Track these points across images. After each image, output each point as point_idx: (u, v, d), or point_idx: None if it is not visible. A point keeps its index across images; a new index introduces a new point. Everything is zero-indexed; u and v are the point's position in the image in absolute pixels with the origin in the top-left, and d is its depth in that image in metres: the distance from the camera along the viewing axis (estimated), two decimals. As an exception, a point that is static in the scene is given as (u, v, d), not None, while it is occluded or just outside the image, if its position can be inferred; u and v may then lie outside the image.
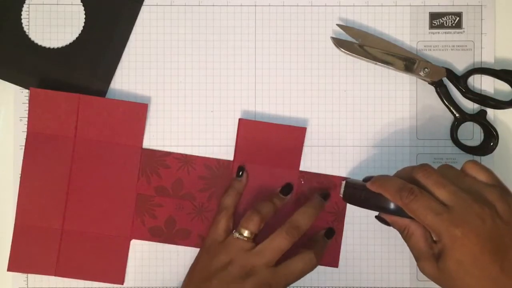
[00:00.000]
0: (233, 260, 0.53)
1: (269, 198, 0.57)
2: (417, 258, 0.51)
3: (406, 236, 0.51)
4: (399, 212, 0.50)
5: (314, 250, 0.55)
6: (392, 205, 0.51)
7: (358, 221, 0.60)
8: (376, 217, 0.56)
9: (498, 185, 0.49)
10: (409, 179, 0.50)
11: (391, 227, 0.54)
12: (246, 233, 0.54)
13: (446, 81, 0.60)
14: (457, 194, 0.47)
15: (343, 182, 0.56)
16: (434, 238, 0.49)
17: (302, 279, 0.56)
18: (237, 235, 0.54)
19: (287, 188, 0.59)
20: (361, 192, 0.53)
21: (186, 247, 0.60)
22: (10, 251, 0.59)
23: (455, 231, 0.46)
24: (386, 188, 0.50)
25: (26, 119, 0.60)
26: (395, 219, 0.52)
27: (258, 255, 0.53)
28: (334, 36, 0.60)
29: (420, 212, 0.47)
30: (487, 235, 0.46)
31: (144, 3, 0.61)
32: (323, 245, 0.58)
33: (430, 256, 0.49)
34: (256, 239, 0.55)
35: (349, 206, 0.60)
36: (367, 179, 0.53)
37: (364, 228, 0.60)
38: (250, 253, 0.53)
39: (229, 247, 0.54)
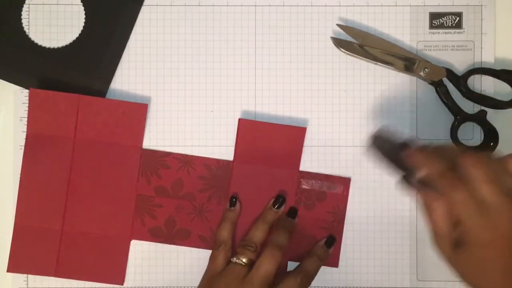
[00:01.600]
0: None
1: (263, 217, 0.58)
2: (433, 234, 0.48)
3: (428, 209, 0.48)
4: (425, 185, 0.47)
5: (307, 268, 0.56)
6: (420, 176, 0.48)
7: (358, 221, 0.60)
8: (404, 176, 0.51)
9: None
10: (450, 159, 0.47)
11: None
12: (245, 260, 0.55)
13: (446, 81, 0.60)
14: (498, 196, 0.45)
15: (376, 130, 0.54)
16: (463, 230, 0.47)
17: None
18: (235, 260, 0.56)
19: (280, 201, 0.59)
20: (394, 151, 0.50)
21: (186, 247, 0.60)
22: (10, 252, 0.59)
23: (487, 235, 0.44)
24: (428, 166, 0.48)
25: (26, 119, 0.60)
26: (421, 188, 0.49)
27: (249, 283, 0.54)
28: (334, 36, 0.60)
29: (457, 205, 0.45)
30: None
31: (144, 3, 0.61)
32: (323, 256, 0.58)
33: (448, 237, 0.47)
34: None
35: (349, 206, 0.60)
36: (401, 145, 0.50)
37: (364, 228, 0.60)
38: (243, 281, 0.54)
39: (227, 275, 0.55)
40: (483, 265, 0.45)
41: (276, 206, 0.58)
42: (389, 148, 0.51)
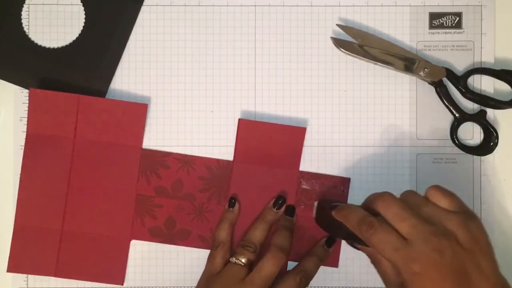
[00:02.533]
0: None
1: (263, 217, 0.58)
2: (385, 284, 0.51)
3: (374, 262, 0.51)
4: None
5: (306, 267, 0.56)
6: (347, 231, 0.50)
7: (358, 221, 0.60)
8: (347, 241, 0.55)
9: (460, 211, 0.47)
10: (371, 207, 0.49)
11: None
12: (243, 260, 0.55)
13: (446, 81, 0.60)
14: (415, 227, 0.46)
15: (316, 203, 0.55)
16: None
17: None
18: (234, 260, 0.56)
19: (280, 202, 0.59)
20: (330, 218, 0.52)
21: (186, 247, 0.60)
22: (10, 252, 0.59)
23: (414, 267, 0.45)
24: (348, 219, 0.50)
25: (26, 119, 0.60)
26: (363, 246, 0.52)
27: (250, 284, 0.54)
28: (334, 36, 0.60)
29: (379, 247, 0.46)
30: (448, 267, 0.44)
31: (144, 3, 0.61)
32: (323, 255, 0.58)
33: (397, 284, 0.49)
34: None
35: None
36: (335, 206, 0.52)
37: (364, 228, 0.60)
38: (243, 282, 0.54)
39: (225, 276, 0.55)
40: None
41: (276, 207, 0.58)
42: (330, 218, 0.52)
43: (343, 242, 0.60)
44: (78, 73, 0.60)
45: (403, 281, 0.46)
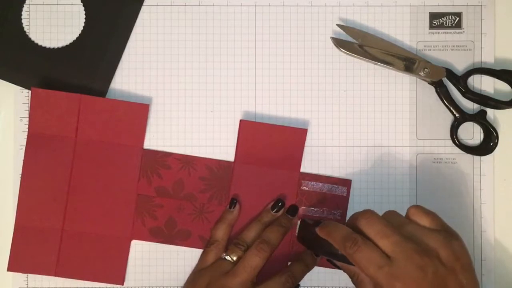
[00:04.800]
0: (211, 282, 0.54)
1: (259, 218, 0.58)
2: None
3: (356, 282, 0.51)
4: (347, 259, 0.49)
5: (293, 270, 0.56)
6: (340, 252, 0.49)
7: (358, 221, 0.60)
8: (327, 259, 0.55)
9: (442, 229, 0.48)
10: (356, 226, 0.49)
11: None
12: (234, 257, 0.56)
13: (446, 81, 0.60)
14: (398, 244, 0.46)
15: (299, 222, 0.55)
16: None
17: (302, 279, 0.56)
18: (224, 256, 0.56)
19: (279, 205, 0.59)
20: (314, 235, 0.52)
21: (186, 247, 0.60)
22: (10, 251, 0.59)
23: (396, 285, 0.45)
24: (332, 236, 0.50)
25: (27, 119, 0.60)
26: (345, 265, 0.51)
27: (233, 276, 0.54)
28: (334, 36, 0.60)
29: (363, 264, 0.46)
30: (430, 285, 0.45)
31: (144, 3, 0.60)
32: (310, 262, 0.58)
33: None
34: None
35: (349, 206, 0.60)
36: (318, 223, 0.52)
37: (364, 228, 0.60)
38: (227, 274, 0.54)
39: (213, 269, 0.56)
40: None
41: (274, 210, 0.59)
42: (313, 235, 0.52)
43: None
44: (78, 73, 0.60)
45: None
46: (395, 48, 0.60)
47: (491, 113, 0.60)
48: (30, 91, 0.59)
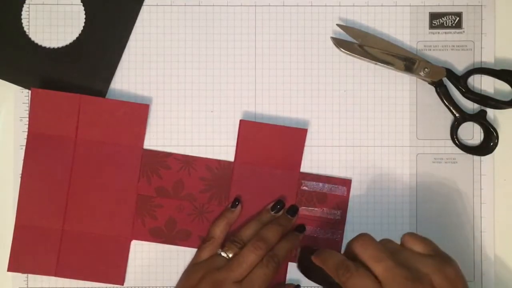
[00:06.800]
0: (205, 276, 0.54)
1: (258, 218, 0.58)
2: None
3: None
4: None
5: (273, 249, 0.56)
6: (335, 280, 0.49)
7: (358, 221, 0.60)
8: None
9: (435, 255, 0.48)
10: (352, 250, 0.49)
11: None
12: (230, 254, 0.56)
13: (446, 81, 0.60)
14: (390, 270, 0.46)
15: (299, 249, 0.55)
16: None
17: (302, 279, 0.56)
18: (220, 252, 0.56)
19: (278, 206, 0.59)
20: (311, 264, 0.52)
21: (186, 247, 0.60)
22: (10, 251, 0.59)
23: None
24: (326, 264, 0.49)
25: (26, 119, 0.60)
26: None
27: (226, 271, 0.54)
28: (334, 36, 0.60)
29: None
30: None
31: (144, 3, 0.60)
32: (284, 223, 0.58)
33: None
34: None
35: (350, 206, 0.60)
36: (315, 251, 0.52)
37: (364, 228, 0.60)
38: (222, 269, 0.54)
39: (207, 264, 0.56)
40: None
41: (274, 211, 0.59)
42: (311, 264, 0.52)
43: (343, 243, 0.60)
44: (78, 73, 0.60)
45: None
46: (395, 48, 0.60)
47: (491, 113, 0.60)
48: (30, 91, 0.59)
